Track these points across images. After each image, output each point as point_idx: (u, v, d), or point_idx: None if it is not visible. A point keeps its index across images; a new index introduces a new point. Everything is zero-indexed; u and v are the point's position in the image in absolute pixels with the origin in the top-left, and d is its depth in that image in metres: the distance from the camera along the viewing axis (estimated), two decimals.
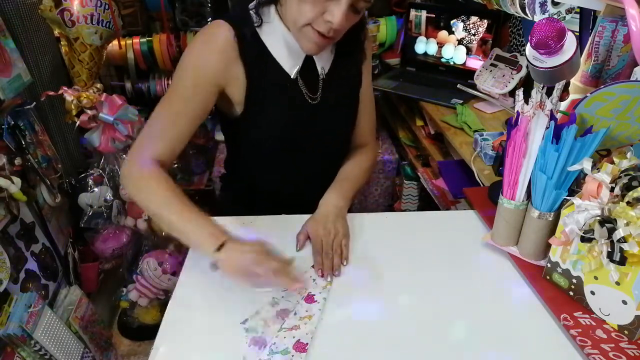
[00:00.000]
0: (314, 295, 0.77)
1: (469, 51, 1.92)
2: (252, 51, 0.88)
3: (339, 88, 0.97)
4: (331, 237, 0.86)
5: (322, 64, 0.94)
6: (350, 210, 0.98)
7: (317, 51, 0.87)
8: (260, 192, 1.06)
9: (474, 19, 1.86)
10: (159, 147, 0.86)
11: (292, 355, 0.66)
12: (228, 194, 1.20)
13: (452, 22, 1.92)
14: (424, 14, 1.99)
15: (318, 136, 0.98)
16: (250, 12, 0.88)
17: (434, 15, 1.96)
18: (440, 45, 1.99)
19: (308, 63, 0.92)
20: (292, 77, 0.91)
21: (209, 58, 0.86)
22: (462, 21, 1.89)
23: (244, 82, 0.89)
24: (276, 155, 0.99)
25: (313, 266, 0.84)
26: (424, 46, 2.04)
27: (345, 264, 0.84)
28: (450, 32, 1.95)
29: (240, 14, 0.90)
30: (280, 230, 0.93)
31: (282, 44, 0.89)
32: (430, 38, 2.01)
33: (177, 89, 0.88)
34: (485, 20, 1.84)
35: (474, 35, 1.88)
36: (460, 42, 1.93)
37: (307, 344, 0.68)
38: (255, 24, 0.87)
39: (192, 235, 0.79)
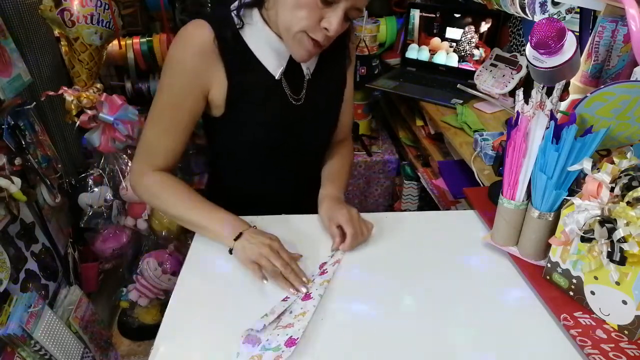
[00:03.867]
0: (311, 292, 0.77)
1: (461, 59, 1.93)
2: (234, 52, 0.86)
3: (323, 89, 0.97)
4: (353, 216, 0.89)
5: (308, 64, 0.93)
6: None
7: (309, 59, 0.87)
8: (239, 189, 1.06)
9: (469, 27, 1.87)
10: (159, 160, 0.91)
11: (283, 351, 0.66)
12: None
13: (447, 29, 1.94)
14: (417, 20, 2.00)
15: (301, 136, 0.99)
16: (232, 13, 0.87)
17: (434, 15, 1.96)
18: (433, 52, 2.00)
19: (292, 64, 0.91)
20: (276, 78, 0.90)
21: (191, 61, 0.84)
22: (459, 30, 1.91)
23: (225, 83, 0.88)
24: (257, 154, 0.99)
25: (332, 255, 0.86)
26: (416, 53, 2.06)
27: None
28: (443, 39, 1.96)
29: (221, 14, 0.88)
30: (280, 230, 0.92)
31: (266, 46, 0.88)
32: (423, 45, 2.03)
33: (165, 97, 0.88)
34: (477, 30, 1.85)
35: (469, 43, 1.89)
36: (455, 50, 1.95)
37: (297, 338, 0.68)
38: (237, 25, 0.86)
39: (212, 226, 0.85)
